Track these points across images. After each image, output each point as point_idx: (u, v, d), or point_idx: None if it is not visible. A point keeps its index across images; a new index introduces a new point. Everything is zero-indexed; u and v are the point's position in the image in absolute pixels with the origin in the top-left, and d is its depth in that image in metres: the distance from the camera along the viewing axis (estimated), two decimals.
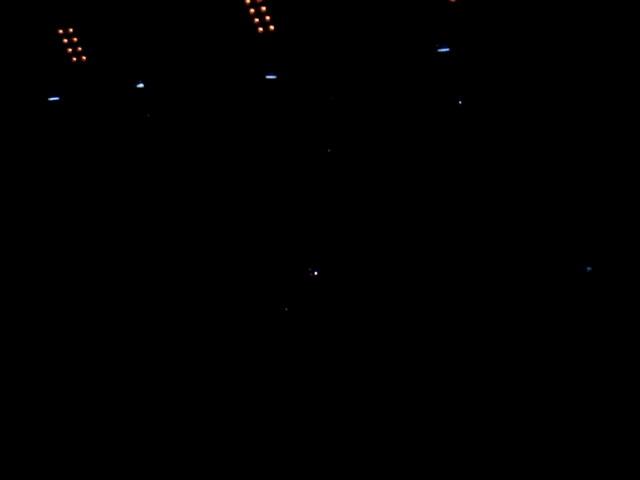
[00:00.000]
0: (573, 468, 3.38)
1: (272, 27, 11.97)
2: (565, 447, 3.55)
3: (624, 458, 3.39)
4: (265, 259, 12.13)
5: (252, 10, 11.95)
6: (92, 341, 6.96)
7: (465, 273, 10.45)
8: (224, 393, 4.68)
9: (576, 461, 3.41)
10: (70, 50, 12.50)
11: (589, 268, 11.36)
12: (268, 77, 12.79)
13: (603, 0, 11.11)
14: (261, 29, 12.04)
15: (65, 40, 12.43)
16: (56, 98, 13.15)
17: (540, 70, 12.01)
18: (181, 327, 7.99)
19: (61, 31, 12.36)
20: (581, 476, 3.35)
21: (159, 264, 12.68)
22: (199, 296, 9.61)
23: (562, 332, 5.23)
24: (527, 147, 12.42)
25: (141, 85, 13.02)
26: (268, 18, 11.99)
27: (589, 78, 11.69)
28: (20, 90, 12.92)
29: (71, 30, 12.36)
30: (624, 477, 3.35)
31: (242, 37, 12.15)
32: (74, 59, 12.55)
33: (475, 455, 3.60)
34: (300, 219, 13.32)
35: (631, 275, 7.02)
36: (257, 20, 12.02)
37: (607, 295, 5.94)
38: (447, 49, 12.20)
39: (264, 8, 11.89)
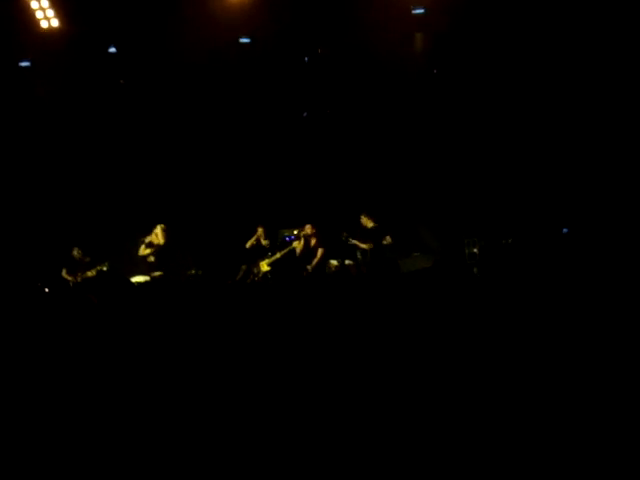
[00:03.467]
0: (573, 468, 3.52)
1: None
2: (565, 447, 3.68)
3: (624, 458, 3.55)
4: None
5: None
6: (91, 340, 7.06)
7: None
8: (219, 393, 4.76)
9: (576, 461, 3.54)
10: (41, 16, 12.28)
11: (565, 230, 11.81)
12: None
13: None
14: None
15: (35, 6, 12.19)
16: (27, 63, 12.97)
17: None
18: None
19: None
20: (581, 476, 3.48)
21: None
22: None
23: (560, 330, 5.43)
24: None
25: (113, 50, 12.90)
26: None
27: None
28: None
29: None
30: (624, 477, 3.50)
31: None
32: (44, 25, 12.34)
33: (475, 455, 3.71)
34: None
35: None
36: None
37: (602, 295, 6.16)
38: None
39: None
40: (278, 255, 12.15)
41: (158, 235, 12.00)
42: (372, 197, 12.93)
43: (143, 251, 12.01)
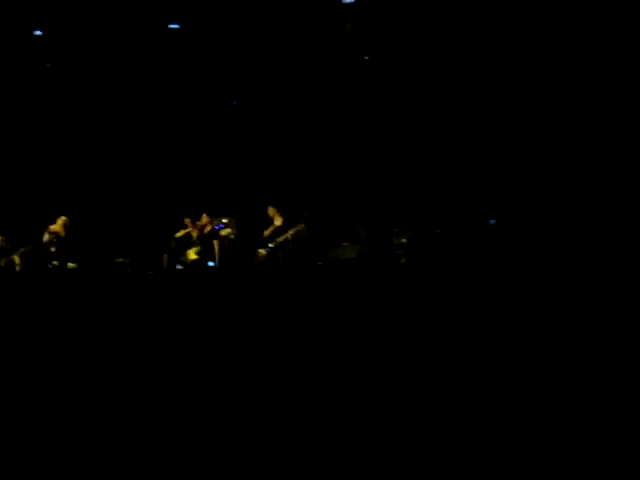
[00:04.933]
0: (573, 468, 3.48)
1: None
2: (565, 446, 3.63)
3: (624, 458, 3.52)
4: None
5: None
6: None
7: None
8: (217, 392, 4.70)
9: (576, 461, 3.50)
10: None
11: (492, 221, 11.91)
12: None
13: None
14: None
15: None
16: None
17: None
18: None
19: None
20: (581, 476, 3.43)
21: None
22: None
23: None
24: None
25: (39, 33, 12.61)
26: None
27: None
28: None
29: None
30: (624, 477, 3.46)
31: None
32: None
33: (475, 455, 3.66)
34: None
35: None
36: None
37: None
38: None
39: None
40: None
41: (59, 226, 11.92)
42: (300, 187, 12.92)
43: (46, 239, 11.92)
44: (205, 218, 12.21)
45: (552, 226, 10.89)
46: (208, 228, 12.18)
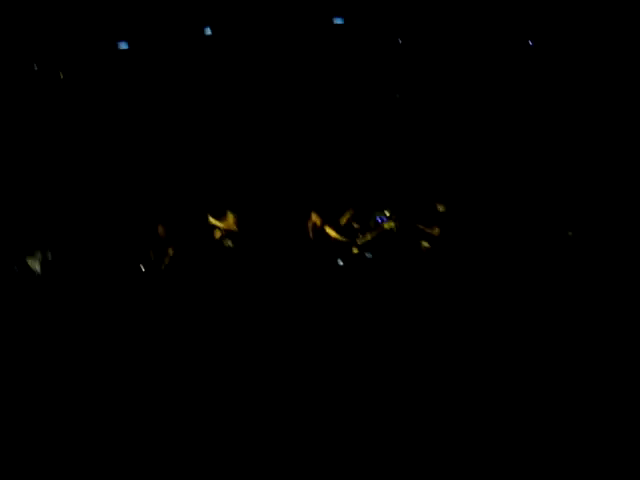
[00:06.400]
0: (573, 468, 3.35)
1: None
2: (565, 446, 3.52)
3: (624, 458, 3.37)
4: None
5: None
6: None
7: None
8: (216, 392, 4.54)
9: (576, 461, 3.37)
10: None
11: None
12: None
13: None
14: None
15: None
16: None
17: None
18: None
19: None
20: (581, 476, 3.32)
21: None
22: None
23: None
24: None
25: None
26: None
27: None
28: None
29: None
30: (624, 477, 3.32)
31: None
32: None
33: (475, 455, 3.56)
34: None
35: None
36: None
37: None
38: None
39: None
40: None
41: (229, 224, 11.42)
42: None
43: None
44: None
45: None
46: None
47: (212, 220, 10.99)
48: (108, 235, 11.81)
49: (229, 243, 10.99)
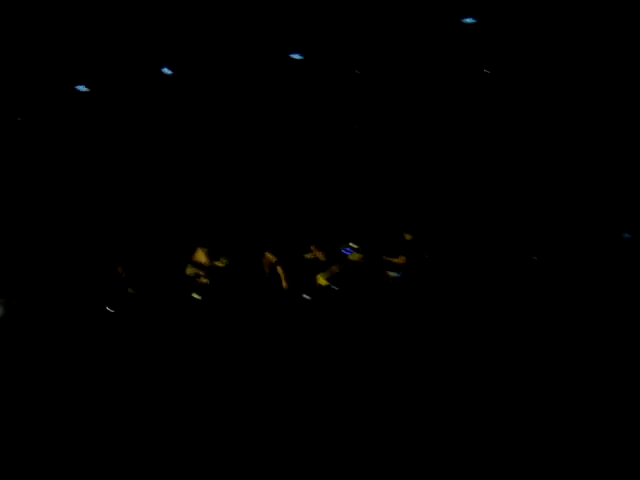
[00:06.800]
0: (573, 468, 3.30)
1: None
2: (565, 446, 3.47)
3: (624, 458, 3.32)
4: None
5: None
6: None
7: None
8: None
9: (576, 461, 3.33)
10: None
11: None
12: None
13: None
14: None
15: None
16: None
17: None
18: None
19: None
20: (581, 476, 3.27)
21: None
22: None
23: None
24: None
25: None
26: None
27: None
28: None
29: None
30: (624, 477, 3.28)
31: None
32: None
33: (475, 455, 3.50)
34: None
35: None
36: None
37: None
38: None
39: None
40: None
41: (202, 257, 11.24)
42: None
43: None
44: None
45: None
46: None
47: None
48: (71, 276, 11.68)
49: (203, 279, 10.87)
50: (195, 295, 10.70)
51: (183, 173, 13.39)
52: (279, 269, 10.90)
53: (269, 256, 10.91)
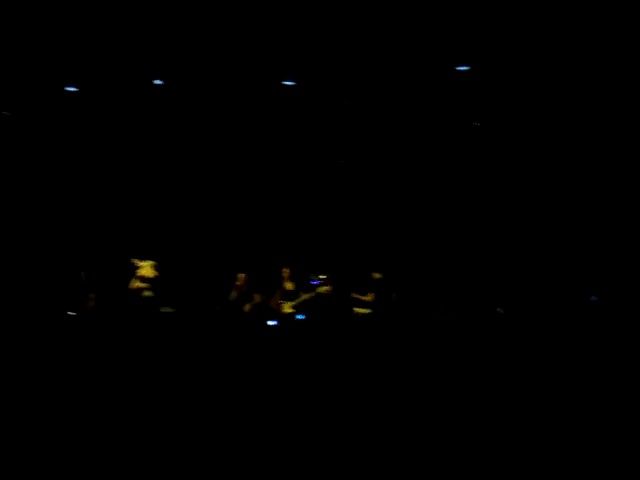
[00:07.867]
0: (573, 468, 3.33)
1: None
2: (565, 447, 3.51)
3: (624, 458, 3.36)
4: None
5: None
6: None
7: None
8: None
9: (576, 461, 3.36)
10: None
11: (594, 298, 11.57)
12: None
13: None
14: None
15: None
16: None
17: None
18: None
19: None
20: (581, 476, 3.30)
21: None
22: None
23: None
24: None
25: None
26: None
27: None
28: None
29: None
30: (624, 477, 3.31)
31: None
32: None
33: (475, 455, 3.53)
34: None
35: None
36: None
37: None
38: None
39: None
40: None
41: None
42: None
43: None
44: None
45: None
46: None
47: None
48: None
49: (148, 293, 10.70)
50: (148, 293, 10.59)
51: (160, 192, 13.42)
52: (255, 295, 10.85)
53: (240, 277, 10.84)
